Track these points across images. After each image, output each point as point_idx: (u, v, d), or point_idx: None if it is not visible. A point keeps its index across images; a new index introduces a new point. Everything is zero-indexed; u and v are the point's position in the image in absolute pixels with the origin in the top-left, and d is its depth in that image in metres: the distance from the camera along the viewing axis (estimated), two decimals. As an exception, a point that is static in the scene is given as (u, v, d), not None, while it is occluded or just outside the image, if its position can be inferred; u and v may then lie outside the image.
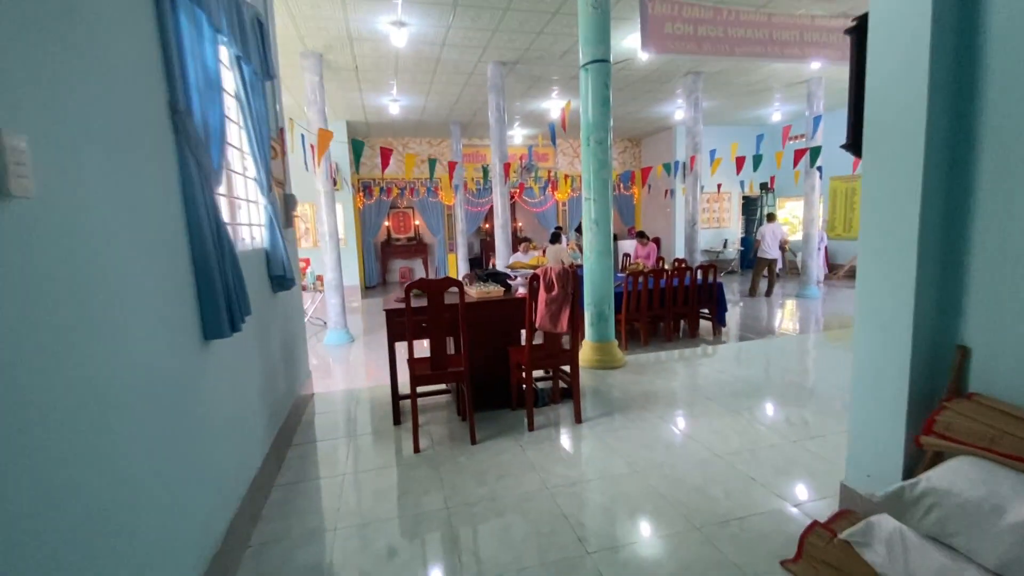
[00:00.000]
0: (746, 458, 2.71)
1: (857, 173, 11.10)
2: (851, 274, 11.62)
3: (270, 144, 3.00)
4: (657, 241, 13.95)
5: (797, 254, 11.68)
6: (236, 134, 2.79)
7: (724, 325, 7.01)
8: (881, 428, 1.87)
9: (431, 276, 14.59)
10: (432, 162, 5.58)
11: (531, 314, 3.04)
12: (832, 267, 12.30)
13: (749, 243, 13.83)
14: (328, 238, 7.20)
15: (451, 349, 3.56)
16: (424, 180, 13.50)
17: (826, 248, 11.77)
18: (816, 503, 2.26)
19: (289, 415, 3.24)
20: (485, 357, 3.45)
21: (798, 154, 7.83)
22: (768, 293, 9.94)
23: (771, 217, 10.19)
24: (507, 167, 7.24)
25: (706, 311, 6.91)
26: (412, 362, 2.87)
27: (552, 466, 2.69)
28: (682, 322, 7.13)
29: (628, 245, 11.88)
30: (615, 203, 14.85)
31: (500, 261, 7.95)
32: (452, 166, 5.97)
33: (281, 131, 3.58)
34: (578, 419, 3.26)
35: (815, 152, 7.58)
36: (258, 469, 2.43)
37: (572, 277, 3.01)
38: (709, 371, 4.33)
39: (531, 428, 3.15)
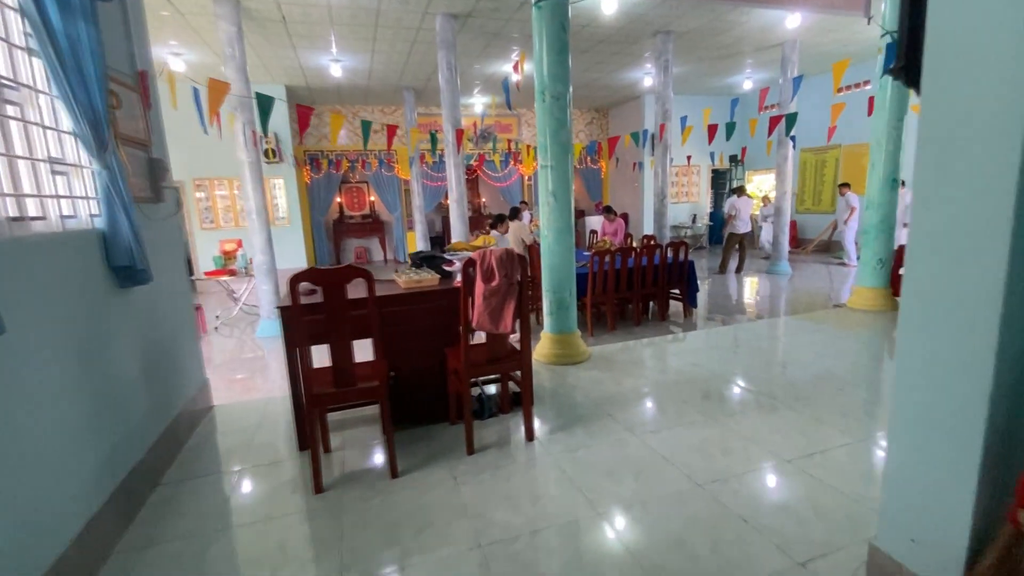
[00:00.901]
0: (734, 488, 2.17)
1: (831, 144, 10.76)
2: (820, 248, 11.41)
3: (107, 88, 2.19)
4: (625, 217, 13.43)
5: (763, 226, 11.38)
6: (28, 68, 1.97)
7: (695, 306, 6.55)
8: (937, 478, 1.32)
9: (388, 256, 13.79)
10: (366, 125, 4.77)
11: (467, 309, 2.38)
12: (800, 241, 12.07)
13: (718, 218, 13.48)
14: (256, 216, 6.31)
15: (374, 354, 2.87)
16: (377, 152, 12.51)
17: (793, 222, 11.53)
18: (832, 559, 1.73)
19: (159, 443, 2.51)
20: (417, 360, 2.79)
21: (773, 122, 7.33)
22: (739, 269, 9.59)
23: (741, 191, 9.76)
24: (459, 134, 6.47)
25: (676, 291, 6.42)
26: (309, 377, 2.18)
27: (491, 510, 2.08)
28: (651, 303, 6.65)
29: (595, 221, 11.31)
30: (581, 177, 14.20)
31: (458, 239, 7.24)
32: (391, 131, 5.16)
33: (142, 75, 2.75)
34: (529, 436, 2.66)
35: (791, 119, 7.08)
36: (70, 543, 1.72)
37: (518, 263, 2.36)
38: (682, 364, 3.79)
39: (470, 451, 2.53)
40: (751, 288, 8.16)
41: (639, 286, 6.03)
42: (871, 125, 5.05)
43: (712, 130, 7.43)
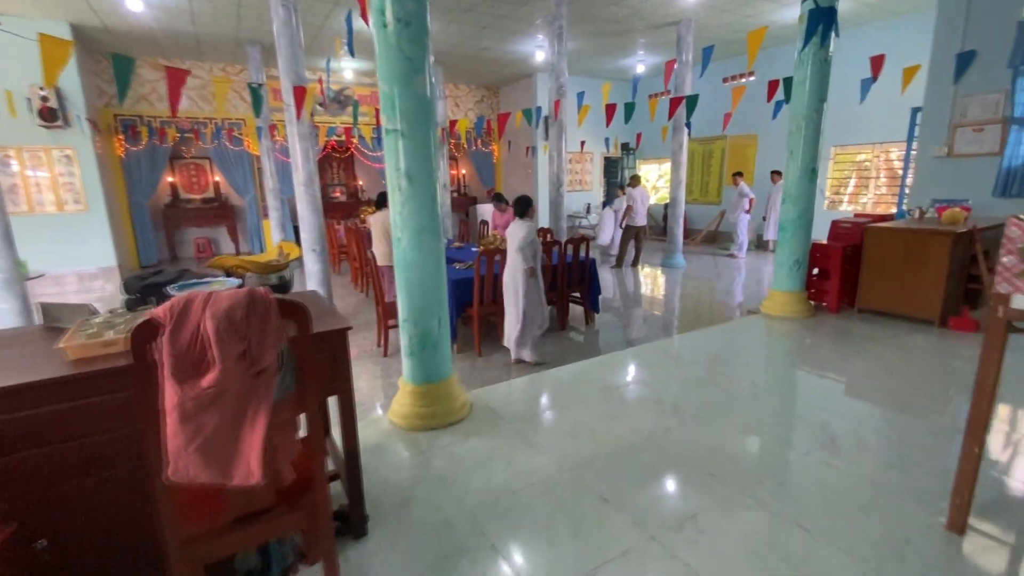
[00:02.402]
0: None
1: (718, 134, 10.66)
2: (708, 239, 11.40)
3: None
4: (518, 205, 12.49)
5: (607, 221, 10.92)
6: None
7: (598, 311, 5.70)
8: None
9: (241, 248, 11.43)
10: (120, 63, 3.05)
11: (156, 425, 1.04)
12: (688, 232, 12.02)
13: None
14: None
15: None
16: (221, 121, 10.13)
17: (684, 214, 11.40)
18: None
19: None
20: (102, 503, 1.38)
21: (673, 103, 6.68)
22: (635, 263, 9.06)
23: (636, 180, 9.20)
24: (300, 94, 4.87)
25: (577, 295, 5.51)
26: None
27: None
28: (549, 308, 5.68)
29: (488, 210, 10.20)
30: (472, 160, 12.96)
31: (307, 234, 5.64)
32: (175, 77, 3.46)
33: None
34: (340, 641, 1.40)
35: (692, 102, 6.45)
36: None
37: (274, 319, 1.06)
38: (594, 417, 2.75)
39: None
40: (652, 286, 7.58)
41: (535, 292, 5.00)
42: (790, 109, 4.43)
43: (610, 110, 6.59)
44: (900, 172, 8.47)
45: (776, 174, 9.23)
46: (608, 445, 2.43)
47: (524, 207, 4.21)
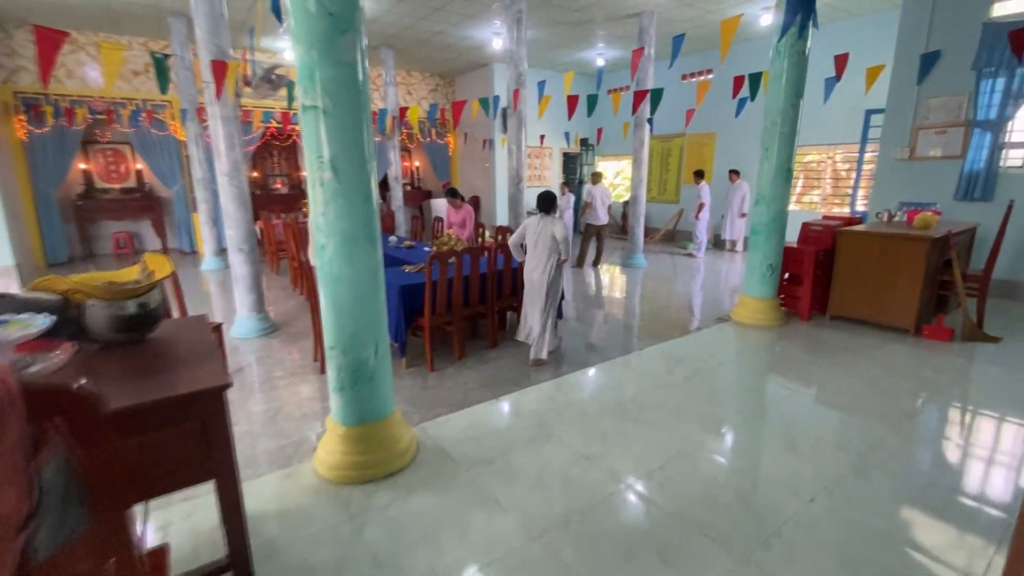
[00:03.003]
0: None
1: (676, 132, 10.53)
2: (666, 237, 11.30)
3: None
4: (476, 201, 11.98)
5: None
6: None
7: (561, 317, 5.31)
8: None
9: (170, 244, 10.37)
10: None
11: None
12: (647, 230, 11.88)
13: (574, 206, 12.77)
14: None
15: None
16: (141, 102, 9.06)
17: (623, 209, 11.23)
18: None
19: None
20: None
21: (638, 97, 6.38)
22: (596, 262, 8.77)
23: (597, 177, 8.90)
24: (221, 69, 4.19)
25: (539, 300, 5.09)
26: None
27: None
28: (508, 315, 5.24)
29: (442, 205, 9.64)
30: (426, 152, 12.32)
31: (233, 231, 4.94)
32: (47, 40, 2.77)
33: None
34: None
35: (656, 96, 6.15)
36: None
37: (11, 420, 0.57)
38: (566, 457, 2.34)
39: None
40: (614, 287, 7.29)
41: (494, 296, 4.55)
42: (766, 104, 4.17)
43: (572, 102, 6.21)
44: (844, 174, 8.55)
45: (734, 173, 9.16)
46: (584, 497, 2.01)
47: (551, 202, 4.09)
